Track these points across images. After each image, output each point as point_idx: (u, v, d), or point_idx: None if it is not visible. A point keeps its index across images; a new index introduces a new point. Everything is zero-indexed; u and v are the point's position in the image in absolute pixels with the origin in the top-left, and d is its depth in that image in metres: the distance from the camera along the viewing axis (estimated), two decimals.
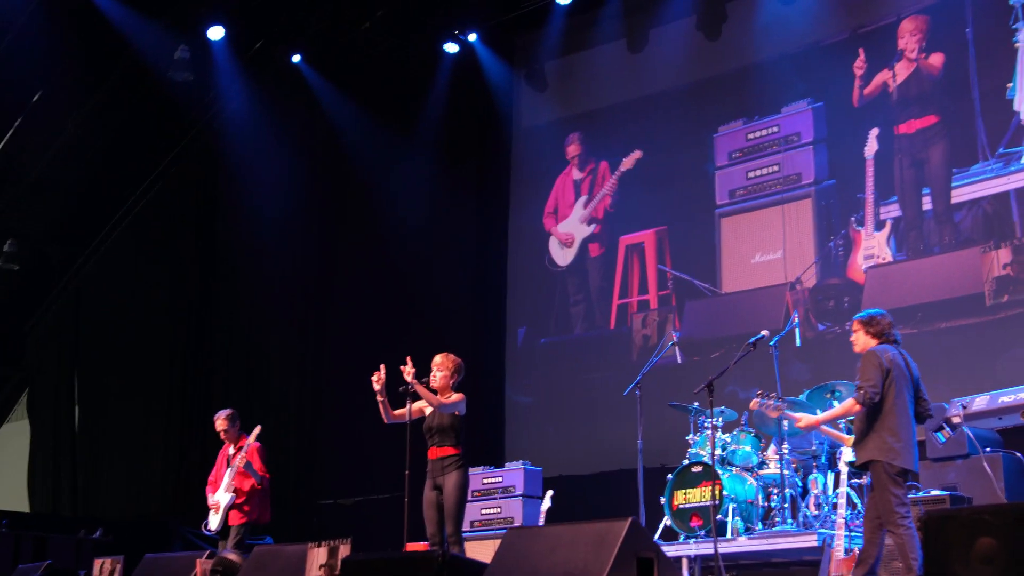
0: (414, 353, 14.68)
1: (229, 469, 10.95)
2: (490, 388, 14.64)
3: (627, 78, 14.72)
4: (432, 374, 9.30)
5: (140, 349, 18.16)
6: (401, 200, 15.75)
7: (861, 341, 8.04)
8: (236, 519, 10.85)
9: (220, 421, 11.26)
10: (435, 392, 9.10)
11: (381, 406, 9.16)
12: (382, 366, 9.16)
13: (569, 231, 15.02)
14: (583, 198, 14.93)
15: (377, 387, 9.08)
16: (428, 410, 9.26)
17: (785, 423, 9.96)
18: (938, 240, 11.99)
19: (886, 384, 7.70)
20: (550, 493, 11.27)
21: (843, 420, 8.78)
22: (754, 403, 9.55)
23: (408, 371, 9.05)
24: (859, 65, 12.66)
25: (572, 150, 15.14)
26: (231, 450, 11.16)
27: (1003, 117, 11.64)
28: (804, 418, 8.52)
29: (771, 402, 9.15)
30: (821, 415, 8.66)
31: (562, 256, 15.05)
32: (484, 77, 15.58)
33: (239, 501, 10.85)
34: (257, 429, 11.03)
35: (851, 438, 8.20)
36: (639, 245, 14.35)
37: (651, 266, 14.17)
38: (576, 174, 15.06)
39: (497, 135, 15.85)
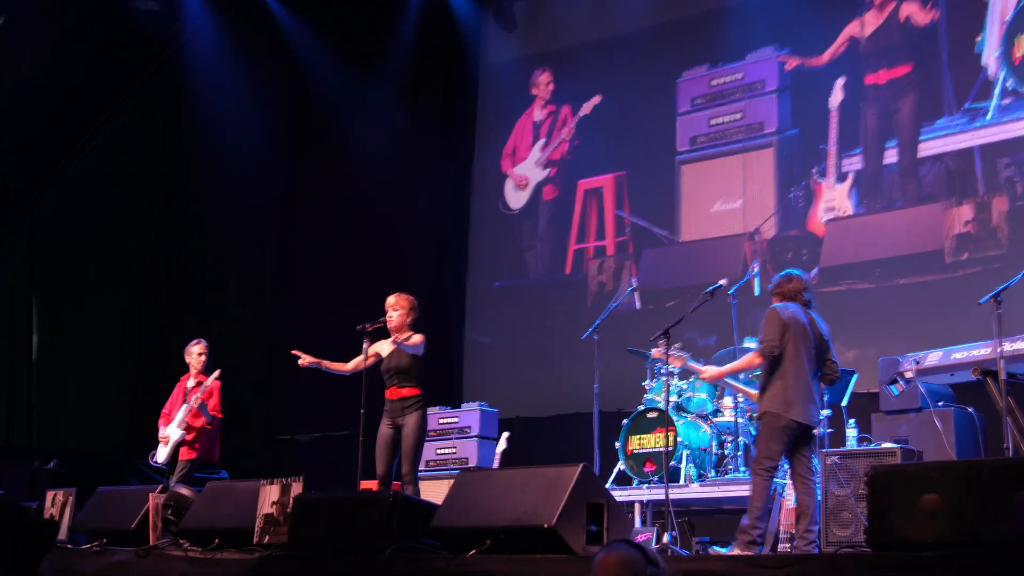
0: (376, 290, 14.73)
1: (184, 405, 10.91)
2: (449, 327, 14.63)
3: (596, 17, 14.54)
4: (387, 315, 9.30)
5: (99, 281, 18.03)
6: (366, 137, 15.63)
7: (775, 300, 8.19)
8: (184, 455, 10.84)
9: (202, 346, 11.17)
10: (388, 336, 9.14)
11: (329, 369, 9.23)
12: (296, 352, 9.38)
13: (524, 173, 14.92)
14: (541, 141, 14.83)
15: (305, 363, 9.19)
16: (385, 351, 9.26)
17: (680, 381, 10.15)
18: (900, 195, 11.95)
19: (784, 339, 7.85)
20: (506, 435, 11.30)
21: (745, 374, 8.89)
22: (656, 352, 9.72)
23: (305, 360, 9.06)
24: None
25: (538, 85, 15.00)
26: (189, 383, 11.10)
27: (970, 71, 11.57)
28: (707, 370, 8.86)
29: (674, 352, 9.36)
30: (724, 368, 8.82)
31: (516, 199, 14.95)
32: (451, 14, 15.42)
33: (188, 438, 10.83)
34: (216, 373, 10.99)
35: (756, 392, 8.34)
36: (598, 190, 14.25)
37: (609, 212, 14.08)
38: (537, 114, 14.95)
39: (463, 74, 15.71)
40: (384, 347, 9.41)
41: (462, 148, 15.57)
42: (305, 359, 9.36)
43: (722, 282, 9.25)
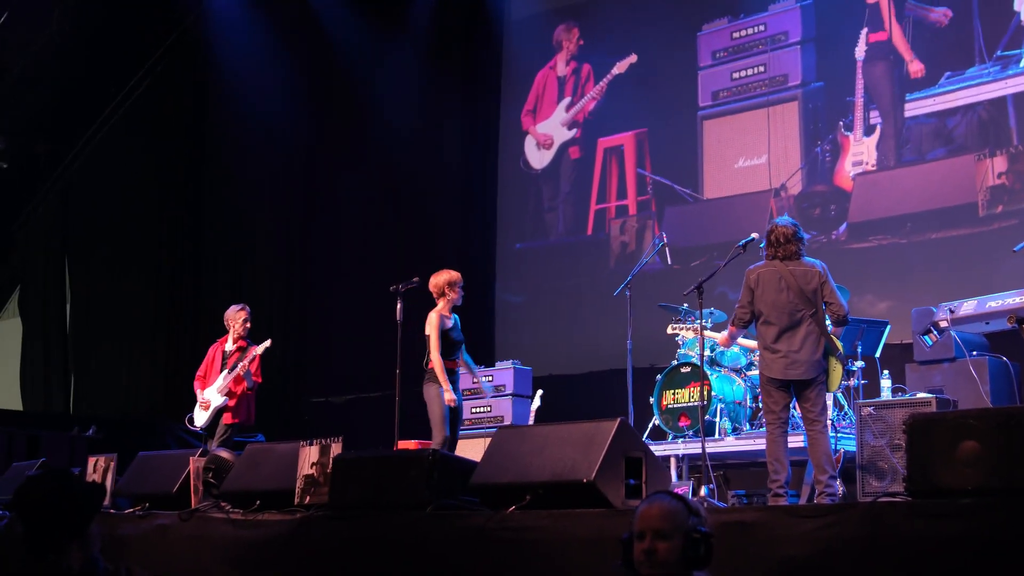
0: (402, 251, 14.83)
1: (225, 370, 10.94)
2: (481, 287, 14.65)
3: None
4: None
5: (129, 247, 18.14)
6: (390, 95, 15.62)
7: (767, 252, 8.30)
8: (226, 420, 10.92)
9: (245, 312, 11.17)
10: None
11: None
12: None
13: (548, 132, 14.83)
14: (567, 100, 14.73)
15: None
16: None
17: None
18: (931, 146, 11.75)
19: (753, 303, 8.07)
20: (540, 392, 11.35)
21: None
22: (670, 328, 9.91)
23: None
24: None
25: (565, 39, 14.88)
26: (228, 346, 11.15)
27: (1002, 18, 11.39)
28: (718, 336, 9.46)
29: (684, 325, 9.54)
30: (725, 334, 8.98)
31: (538, 158, 14.86)
32: None
33: (231, 404, 10.90)
34: (267, 343, 11.04)
35: None
36: (618, 148, 14.16)
37: (630, 170, 13.99)
38: (561, 69, 14.84)
39: (487, 28, 15.63)
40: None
41: (487, 105, 15.52)
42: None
43: (754, 235, 9.23)
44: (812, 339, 7.89)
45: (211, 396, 10.95)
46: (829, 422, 8.30)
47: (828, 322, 8.06)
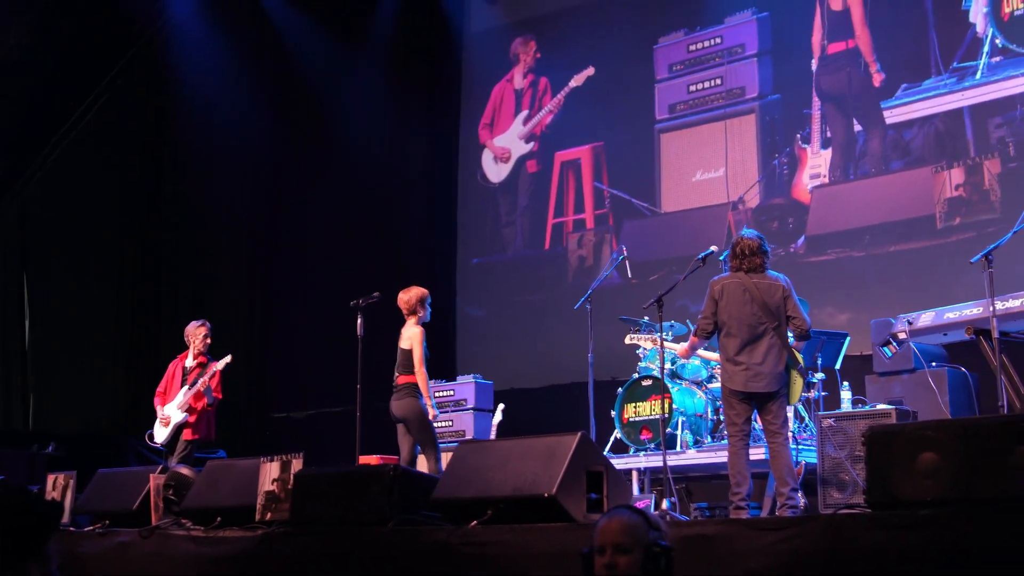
0: (364, 266, 14.79)
1: (185, 387, 10.90)
2: (443, 301, 14.63)
3: None
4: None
5: (89, 262, 17.99)
6: (353, 111, 15.61)
7: (731, 264, 8.32)
8: (186, 436, 10.87)
9: (205, 328, 11.14)
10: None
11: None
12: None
13: (506, 146, 14.81)
14: (524, 113, 14.72)
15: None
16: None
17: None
18: (888, 159, 11.80)
19: (716, 314, 8.11)
20: (501, 406, 11.34)
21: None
22: (628, 339, 9.95)
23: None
24: None
25: (518, 52, 14.87)
26: (188, 362, 11.11)
27: (958, 29, 11.45)
28: (677, 347, 9.53)
29: (643, 336, 9.60)
30: (682, 346, 9.12)
31: (495, 172, 14.84)
32: None
33: (191, 420, 10.86)
34: (228, 358, 11.00)
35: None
36: (575, 162, 14.14)
37: (587, 184, 13.98)
38: (518, 82, 14.84)
39: (448, 42, 15.66)
40: None
41: (448, 118, 15.54)
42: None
43: (713, 248, 9.27)
44: (775, 352, 7.92)
45: (171, 412, 10.90)
46: (790, 434, 8.33)
47: (790, 336, 8.10)
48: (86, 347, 17.68)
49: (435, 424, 10.40)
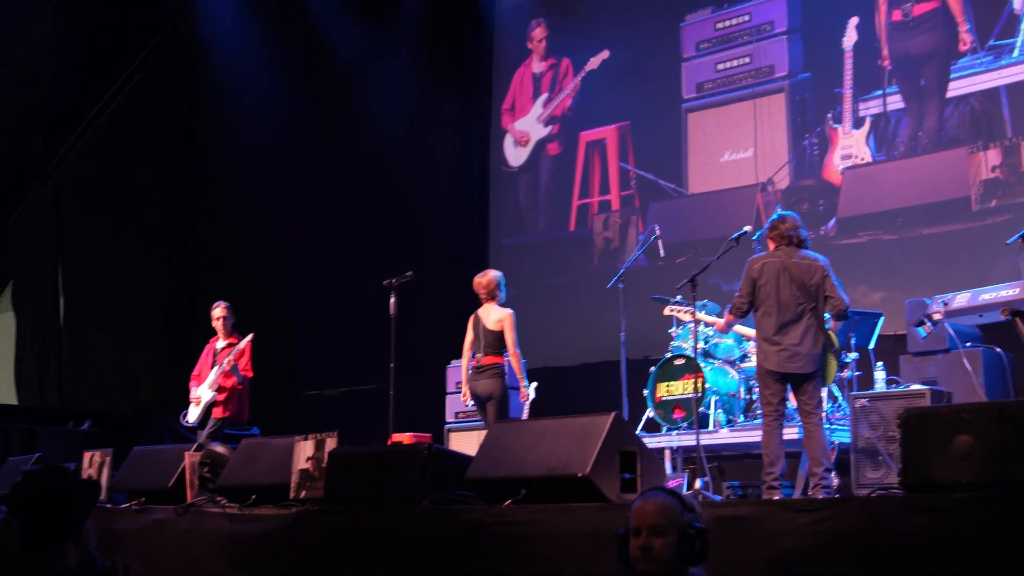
0: (394, 246, 14.81)
1: (216, 367, 11.02)
2: (472, 279, 14.61)
3: None
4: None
5: (122, 241, 18.13)
6: (382, 93, 15.61)
7: (769, 244, 8.22)
8: (216, 414, 11.01)
9: (220, 308, 11.32)
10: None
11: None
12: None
13: (525, 129, 14.70)
14: (543, 96, 14.59)
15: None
16: None
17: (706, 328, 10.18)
18: (922, 139, 11.57)
19: (755, 293, 8.08)
20: (534, 385, 11.34)
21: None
22: (667, 310, 9.93)
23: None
24: None
25: (537, 35, 14.76)
26: (219, 344, 11.22)
27: (994, 6, 11.21)
28: (716, 321, 9.61)
29: (683, 307, 9.55)
30: (720, 321, 9.22)
31: (515, 156, 14.74)
32: None
33: (220, 399, 10.98)
34: (250, 336, 11.08)
35: None
36: (600, 142, 13.98)
37: (613, 165, 13.82)
38: (537, 66, 14.72)
39: (478, 24, 15.58)
40: None
41: (478, 101, 15.47)
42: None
43: (747, 228, 9.28)
44: (812, 333, 7.90)
45: (202, 392, 11.05)
46: (823, 414, 8.32)
47: (827, 316, 8.07)
48: (120, 325, 17.83)
49: (467, 403, 10.50)
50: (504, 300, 10.06)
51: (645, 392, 10.39)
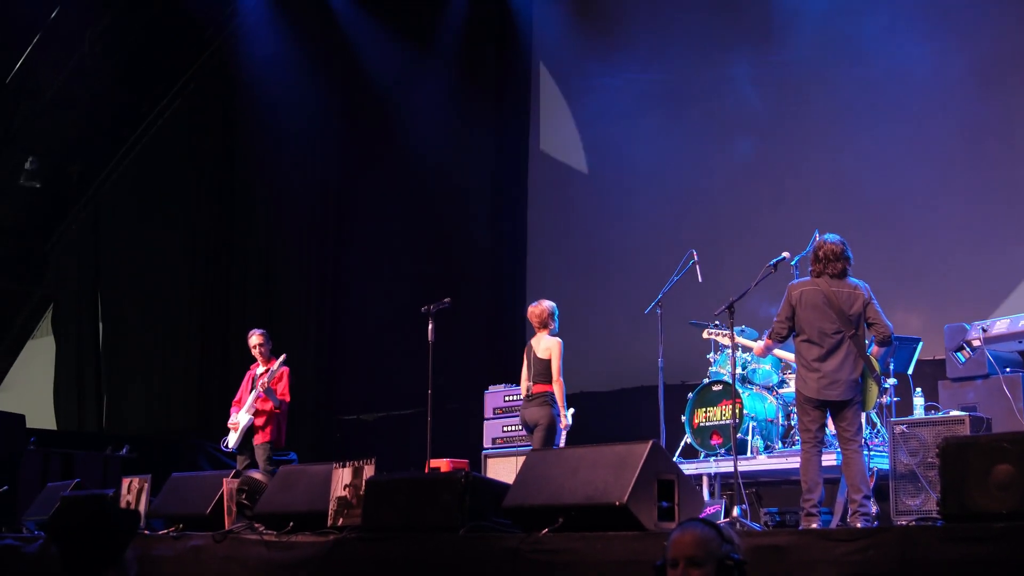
0: (435, 269, 14.84)
1: (253, 391, 11.09)
2: (510, 304, 14.66)
3: None
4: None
5: (160, 266, 18.24)
6: (421, 116, 15.63)
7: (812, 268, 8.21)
8: (258, 440, 11.05)
9: (256, 336, 11.38)
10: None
11: None
12: None
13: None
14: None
15: None
16: None
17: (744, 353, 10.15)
18: None
19: (794, 319, 8.03)
20: (571, 411, 11.33)
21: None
22: (706, 333, 9.91)
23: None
24: None
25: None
26: (259, 370, 11.28)
27: None
28: (754, 345, 9.53)
29: (722, 331, 9.53)
30: (758, 345, 9.23)
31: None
32: None
33: (258, 423, 11.01)
34: (283, 357, 11.13)
35: None
36: None
37: None
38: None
39: (517, 48, 15.62)
40: None
41: (518, 124, 15.46)
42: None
43: (785, 254, 9.22)
44: (851, 360, 7.84)
45: (240, 417, 11.10)
46: (863, 440, 8.27)
47: (869, 342, 8.02)
48: (158, 350, 17.93)
49: (503, 428, 10.50)
50: (556, 330, 10.10)
51: (683, 418, 10.36)
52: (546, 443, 9.77)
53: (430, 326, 10.34)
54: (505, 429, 11.94)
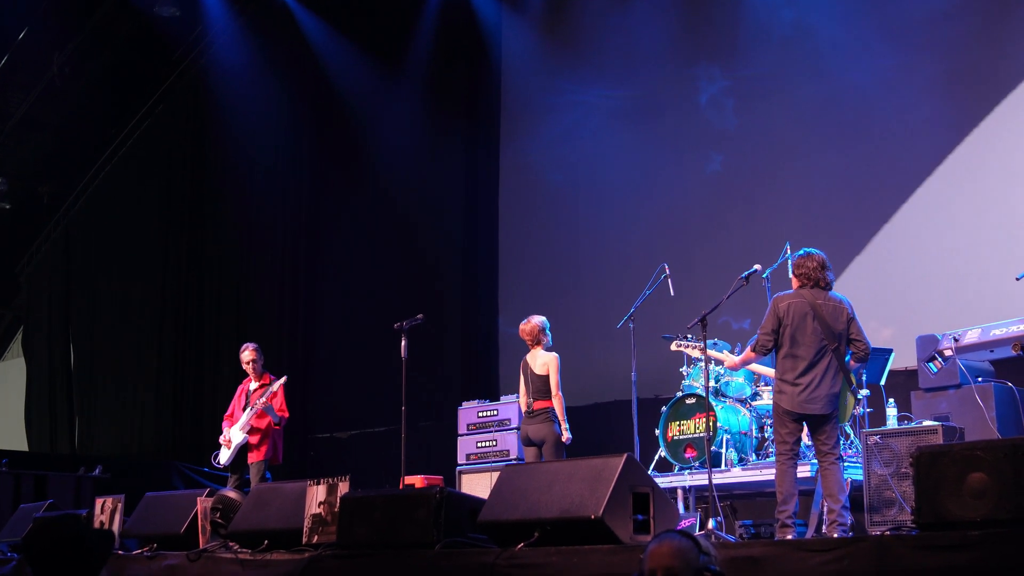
0: (407, 286, 14.84)
1: (249, 408, 10.97)
2: (486, 321, 14.66)
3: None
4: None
5: (131, 286, 18.18)
6: (391, 133, 15.67)
7: (793, 282, 8.15)
8: (253, 458, 10.93)
9: (249, 351, 11.29)
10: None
11: None
12: None
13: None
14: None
15: None
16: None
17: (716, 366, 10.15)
18: None
19: (779, 332, 7.94)
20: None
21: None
22: (674, 345, 9.89)
23: None
24: None
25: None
26: (252, 385, 11.19)
27: None
28: (728, 358, 9.26)
29: (691, 343, 9.52)
30: (736, 358, 9.01)
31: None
32: (471, 8, 15.39)
33: (253, 440, 10.90)
34: (284, 379, 11.06)
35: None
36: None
37: None
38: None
39: (486, 65, 15.65)
40: None
41: (488, 139, 15.50)
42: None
43: (756, 267, 9.24)
44: (831, 374, 7.84)
45: (233, 434, 10.98)
46: (839, 452, 8.28)
47: (848, 357, 8.03)
48: (130, 371, 17.86)
49: (477, 444, 10.46)
50: (551, 344, 10.09)
51: (657, 432, 10.37)
52: (556, 459, 9.74)
53: (403, 343, 10.32)
54: (479, 445, 11.92)
